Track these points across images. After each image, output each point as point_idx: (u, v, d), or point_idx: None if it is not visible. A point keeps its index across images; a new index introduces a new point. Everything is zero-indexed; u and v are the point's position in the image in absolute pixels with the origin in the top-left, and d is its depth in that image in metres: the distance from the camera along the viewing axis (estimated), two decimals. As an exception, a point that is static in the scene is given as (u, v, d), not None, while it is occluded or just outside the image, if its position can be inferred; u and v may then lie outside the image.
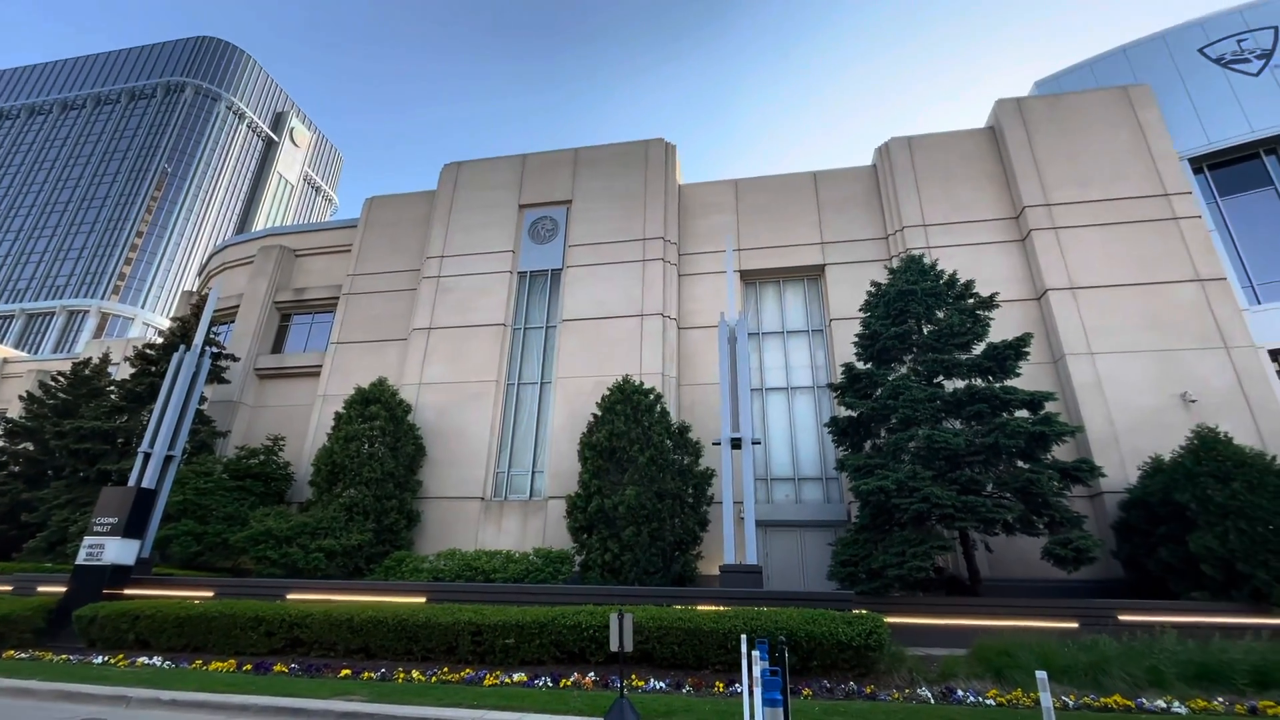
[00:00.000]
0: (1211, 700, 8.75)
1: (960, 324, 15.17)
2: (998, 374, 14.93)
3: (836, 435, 16.45)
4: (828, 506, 19.10)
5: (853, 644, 9.90)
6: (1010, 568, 15.62)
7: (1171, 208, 18.68)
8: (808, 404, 20.69)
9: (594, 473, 16.24)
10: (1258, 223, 19.47)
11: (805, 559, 18.62)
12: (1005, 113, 21.30)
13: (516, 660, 11.08)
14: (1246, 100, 20.14)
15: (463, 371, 21.18)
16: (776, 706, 4.35)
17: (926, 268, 16.43)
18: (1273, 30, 20.61)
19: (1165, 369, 16.90)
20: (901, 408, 14.29)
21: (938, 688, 9.41)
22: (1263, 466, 12.63)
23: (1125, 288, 18.00)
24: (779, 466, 20.12)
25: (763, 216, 22.61)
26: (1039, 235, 19.10)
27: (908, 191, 21.05)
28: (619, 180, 23.29)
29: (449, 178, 25.12)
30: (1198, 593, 12.64)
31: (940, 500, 12.71)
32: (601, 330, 20.79)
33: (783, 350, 21.63)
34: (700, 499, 16.57)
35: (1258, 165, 20.02)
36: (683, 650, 10.55)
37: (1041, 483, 13.14)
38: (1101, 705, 8.67)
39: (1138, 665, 9.56)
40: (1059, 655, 9.86)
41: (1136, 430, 16.29)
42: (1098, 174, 19.61)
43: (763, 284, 22.63)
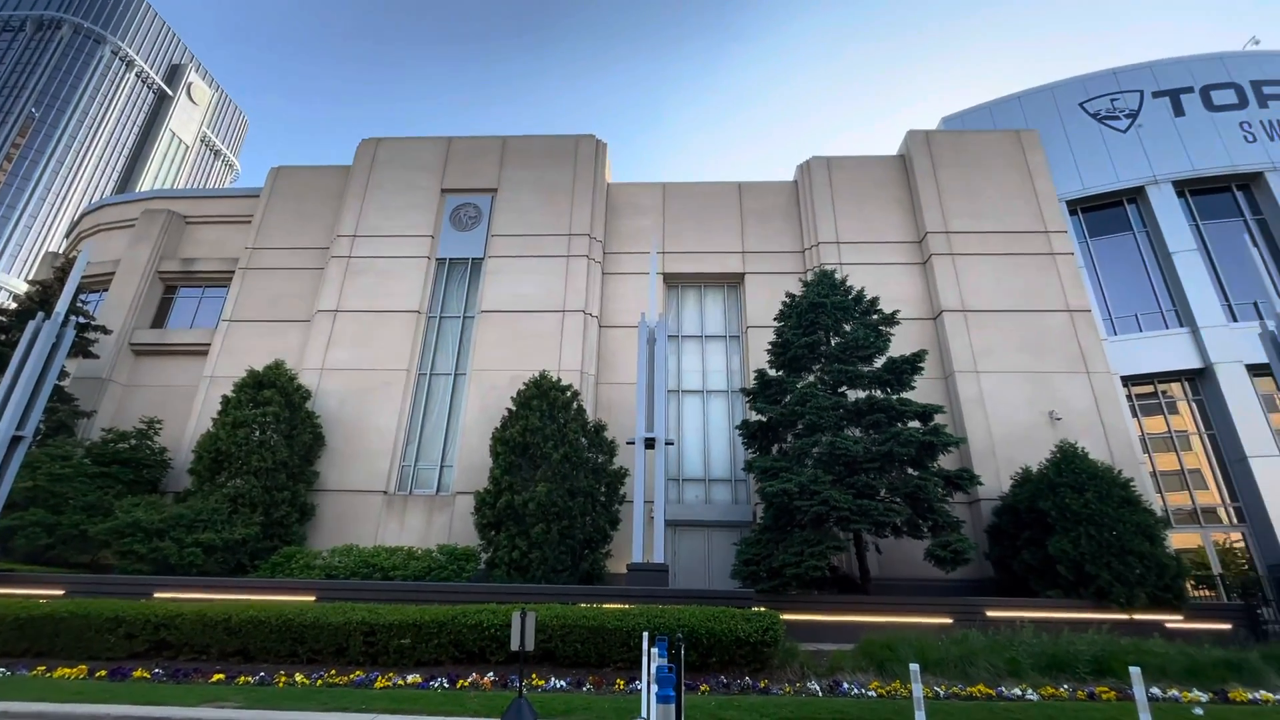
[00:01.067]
0: (1059, 687, 9.74)
1: (865, 338, 16.07)
2: (895, 386, 15.95)
3: (747, 438, 17.00)
4: (735, 507, 19.68)
5: (750, 640, 10.24)
6: (897, 567, 16.72)
7: (1050, 244, 20.69)
8: (722, 407, 21.24)
9: (505, 468, 15.91)
10: (1118, 263, 21.94)
11: (712, 558, 19.10)
12: (915, 143, 22.81)
13: (412, 661, 10.65)
14: (1115, 153, 22.65)
15: (371, 358, 20.14)
16: (669, 703, 4.42)
17: (837, 283, 17.29)
18: (1139, 94, 23.30)
19: (1037, 389, 18.68)
20: (808, 414, 14.96)
21: (826, 681, 9.91)
22: (1110, 479, 14.24)
23: (1008, 313, 19.75)
24: (691, 467, 20.53)
25: (688, 221, 22.99)
26: (938, 260, 20.59)
27: (824, 209, 22.09)
28: (548, 173, 22.96)
29: (366, 154, 23.83)
30: (1053, 591, 14.04)
31: (838, 503, 13.42)
32: (521, 324, 20.41)
33: (701, 354, 22.09)
34: (613, 497, 16.61)
35: (1121, 212, 22.56)
36: (586, 649, 10.52)
37: (928, 489, 14.16)
38: (968, 694, 9.45)
39: (1000, 657, 10.49)
40: (934, 649, 10.65)
41: (1011, 443, 17.89)
42: (991, 208, 21.39)
43: (685, 288, 23.02)
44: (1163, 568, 13.34)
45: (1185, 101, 22.82)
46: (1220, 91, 22.75)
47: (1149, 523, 13.78)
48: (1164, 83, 23.29)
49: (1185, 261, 20.73)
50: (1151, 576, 13.27)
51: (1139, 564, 13.28)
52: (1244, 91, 22.63)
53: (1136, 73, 23.74)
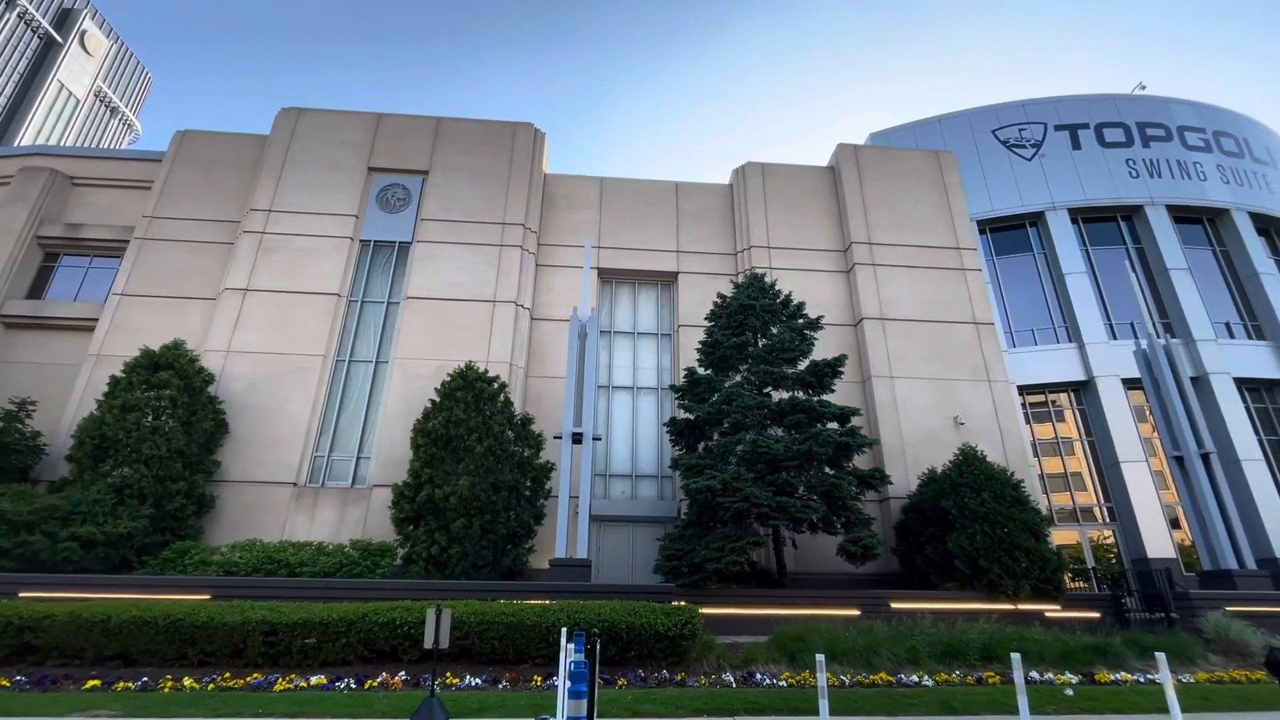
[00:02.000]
0: (952, 673, 10.46)
1: (790, 341, 16.62)
2: (817, 388, 16.59)
3: (674, 435, 17.21)
4: (661, 503, 19.91)
5: (669, 634, 10.39)
6: (811, 562, 17.41)
7: (961, 260, 22.11)
8: (651, 404, 21.41)
9: (426, 461, 15.39)
10: (1019, 281, 23.74)
11: (636, 553, 19.23)
12: (844, 156, 23.78)
13: (317, 662, 10.13)
14: (1020, 179, 24.47)
15: (285, 342, 18.96)
16: (581, 699, 4.41)
17: (767, 286, 17.78)
18: (1043, 126, 25.25)
19: (944, 395, 19.93)
20: (734, 413, 15.31)
21: (741, 672, 10.20)
22: (1004, 480, 15.38)
23: (922, 323, 20.95)
24: (619, 463, 20.59)
25: (624, 218, 23.00)
26: (861, 269, 21.57)
27: (757, 214, 22.66)
28: (483, 159, 22.35)
29: (286, 124, 22.38)
30: (951, 584, 15.03)
31: (759, 500, 13.81)
32: (450, 312, 19.79)
33: (632, 351, 22.17)
34: (538, 492, 16.41)
35: (1024, 234, 24.41)
36: (503, 645, 10.35)
37: (843, 488, 14.81)
38: (871, 682, 9.97)
39: (901, 646, 11.14)
40: (842, 640, 11.18)
41: (919, 445, 19.01)
42: (910, 222, 22.62)
43: (619, 284, 23.02)
44: (1045, 562, 14.54)
45: (1082, 136, 24.94)
46: (1111, 130, 25.00)
47: (1035, 521, 14.98)
48: (1065, 117, 25.35)
49: (1075, 283, 22.68)
50: (1035, 570, 14.43)
51: (1025, 558, 14.41)
52: (1131, 131, 24.97)
53: (1042, 106, 25.72)
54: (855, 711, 8.30)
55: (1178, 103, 25.76)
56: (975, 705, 8.69)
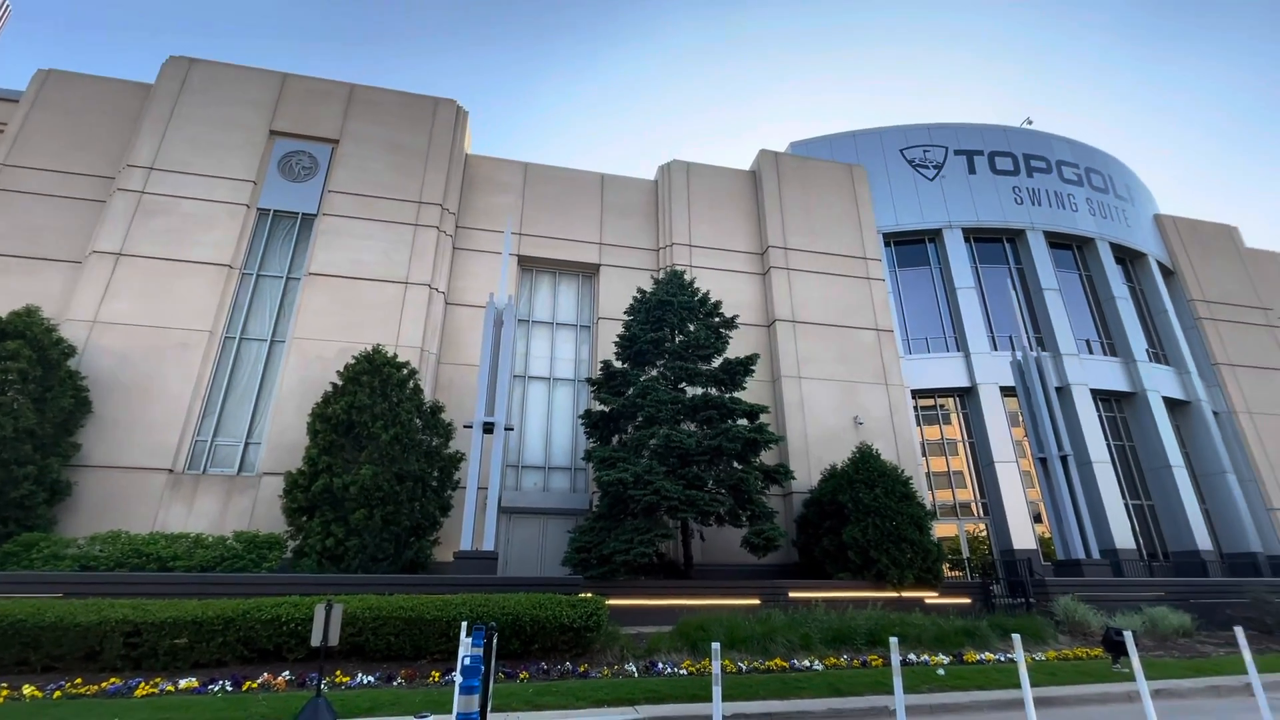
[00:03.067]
0: (840, 658, 11.10)
1: (706, 338, 16.99)
2: (729, 385, 17.07)
3: (588, 428, 17.19)
4: (573, 495, 19.83)
5: (574, 626, 10.37)
6: (717, 554, 17.95)
7: (867, 270, 23.43)
8: (567, 396, 21.25)
9: (325, 448, 14.50)
10: (917, 292, 25.47)
11: (546, 546, 19.07)
12: (765, 162, 24.55)
13: (189, 664, 9.33)
14: (922, 197, 26.22)
15: (165, 315, 17.23)
16: (473, 694, 4.29)
17: (686, 284, 18.08)
18: (944, 149, 27.16)
19: (846, 396, 21.09)
20: (648, 407, 15.49)
21: (643, 662, 10.35)
22: (895, 477, 16.49)
23: (829, 327, 22.04)
24: (532, 455, 20.31)
25: (548, 206, 22.65)
26: (776, 273, 22.39)
27: (680, 212, 22.98)
28: (401, 133, 21.26)
29: (175, 74, 20.29)
30: (844, 574, 15.96)
31: (669, 493, 14.05)
32: (357, 292, 18.72)
33: (551, 341, 21.91)
34: (446, 483, 15.89)
35: (923, 249, 26.19)
36: (400, 641, 9.96)
37: (749, 482, 15.36)
38: (766, 668, 10.41)
39: (795, 633, 11.70)
40: (741, 628, 11.60)
41: (822, 443, 20.02)
42: (823, 230, 23.71)
43: (539, 273, 22.66)
44: (927, 553, 15.74)
45: (977, 162, 27.05)
46: (1002, 158, 27.29)
47: (920, 515, 16.17)
48: (963, 143, 27.40)
49: (965, 297, 24.62)
50: (919, 560, 15.60)
51: (910, 550, 15.54)
52: (1018, 161, 27.36)
53: (944, 131, 27.66)
54: (750, 696, 8.63)
55: (1058, 139, 28.48)
56: (859, 687, 9.27)
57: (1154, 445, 23.59)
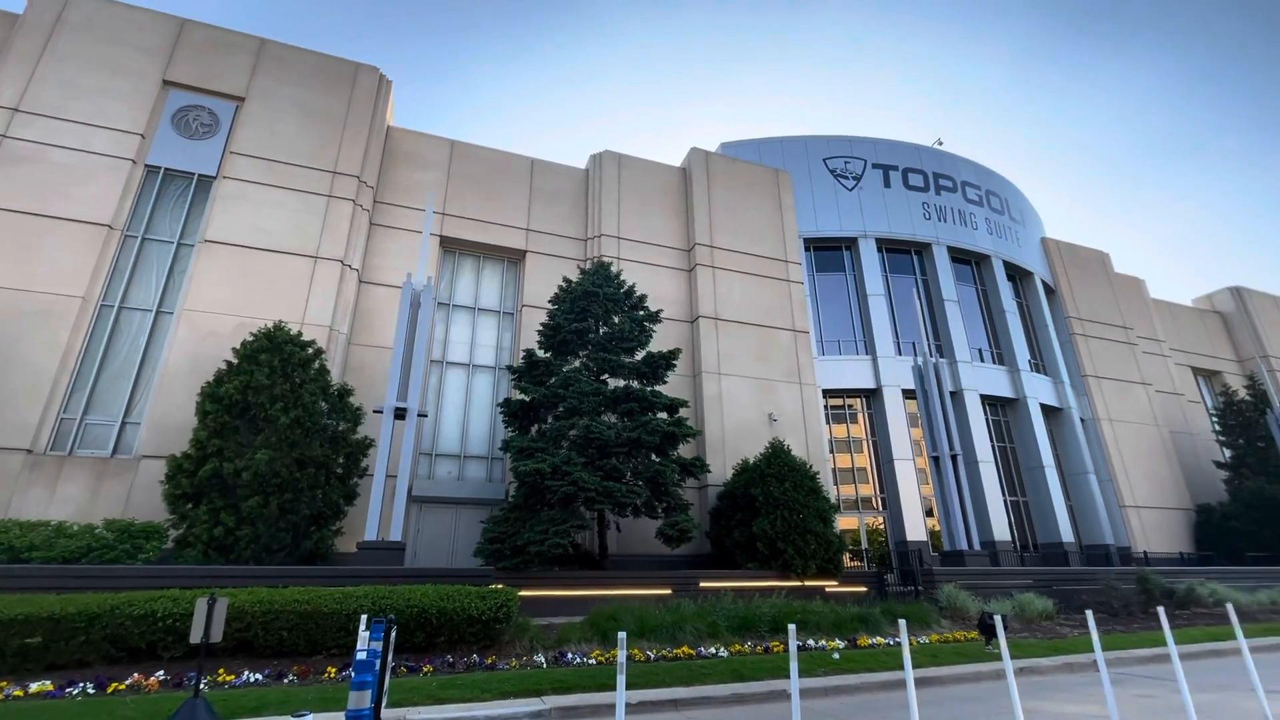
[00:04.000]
0: (745, 644, 11.52)
1: (630, 331, 17.06)
2: (651, 379, 17.24)
3: (508, 417, 16.87)
4: (489, 485, 19.43)
5: (483, 618, 10.18)
6: (633, 545, 18.15)
7: (788, 272, 24.31)
8: (487, 384, 20.76)
9: (216, 430, 13.41)
10: (832, 297, 26.70)
11: (459, 536, 18.60)
12: (696, 160, 24.88)
13: (43, 665, 8.40)
14: (841, 206, 27.47)
15: (26, 277, 15.35)
16: (364, 689, 4.11)
17: (612, 275, 18.07)
18: (864, 162, 28.55)
19: (763, 393, 21.84)
20: (570, 398, 15.38)
21: (552, 653, 10.30)
22: (804, 472, 17.25)
23: (750, 326, 22.71)
24: (447, 443, 19.72)
25: (474, 187, 21.96)
26: (701, 270, 22.80)
27: (610, 203, 22.91)
28: (316, 97, 19.90)
29: (49, 6, 18.01)
30: (752, 564, 16.55)
31: (587, 485, 14.04)
32: (261, 263, 17.42)
33: (472, 326, 21.31)
34: (352, 470, 15.12)
35: (839, 255, 27.46)
36: (294, 636, 9.41)
37: (667, 475, 15.60)
38: (673, 656, 10.64)
39: (704, 622, 12.02)
40: (652, 617, 11.78)
41: (738, 437, 20.63)
42: (748, 231, 24.36)
43: (463, 255, 21.96)
44: (829, 544, 16.60)
45: (892, 177, 28.62)
46: (914, 175, 29.01)
47: (825, 508, 17.03)
48: (881, 158, 28.90)
49: (875, 304, 26.05)
50: (822, 551, 16.42)
51: (815, 541, 16.33)
52: (928, 178, 29.18)
53: (864, 145, 29.07)
54: (657, 684, 8.79)
55: (965, 161, 30.61)
56: (761, 672, 9.65)
57: (1031, 447, 25.97)
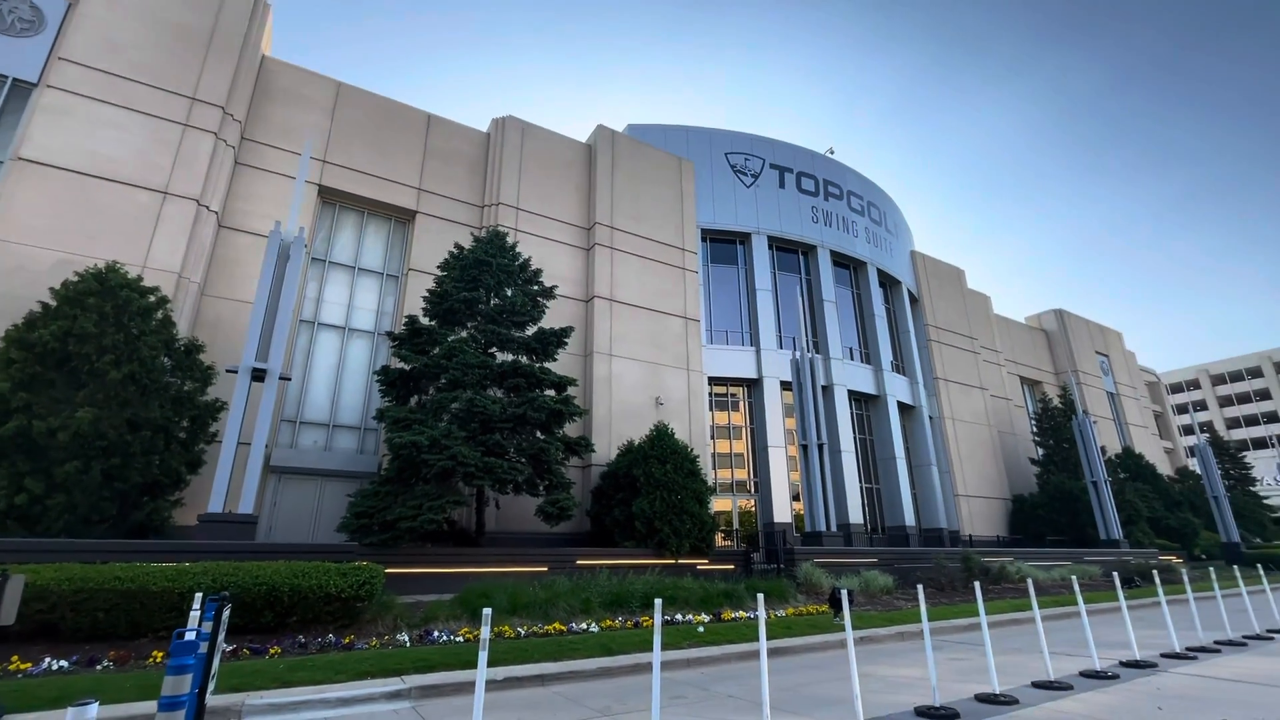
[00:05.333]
0: (616, 620, 11.76)
1: (523, 305, 16.66)
2: (541, 355, 16.97)
3: (385, 386, 15.94)
4: (361, 458, 18.32)
5: (342, 595, 9.61)
6: (512, 522, 17.91)
7: (684, 261, 24.82)
8: (364, 349, 19.46)
9: (23, 382, 11.50)
10: (723, 288, 27.66)
11: (323, 510, 17.42)
12: (602, 139, 24.62)
13: None
14: (738, 201, 28.42)
15: None
16: (183, 674, 3.70)
17: (508, 246, 17.50)
18: (762, 161, 29.67)
19: (652, 377, 22.25)
20: (453, 369, 14.78)
21: (417, 631, 9.94)
22: (685, 455, 17.83)
23: (644, 310, 22.99)
24: (316, 410, 18.31)
25: (361, 136, 20.30)
26: (600, 250, 22.69)
27: (511, 172, 22.12)
28: (173, 6, 17.38)
29: None
30: (629, 542, 16.92)
31: (467, 460, 13.60)
32: (93, 193, 15.06)
33: (350, 287, 19.82)
34: (198, 434, 13.63)
35: (733, 248, 28.46)
36: (113, 618, 8.36)
37: (551, 453, 15.48)
38: (545, 632, 10.65)
39: (577, 598, 12.13)
40: (525, 594, 11.71)
41: (625, 419, 20.91)
42: (649, 216, 24.54)
43: (345, 210, 20.30)
44: (703, 524, 17.33)
45: (786, 179, 30.01)
46: (807, 179, 30.60)
47: (702, 490, 17.73)
48: (779, 159, 30.18)
49: (763, 299, 27.32)
50: (696, 531, 17.11)
51: (690, 521, 16.97)
52: (819, 184, 30.91)
53: (764, 145, 30.20)
54: (526, 659, 8.75)
55: (852, 172, 32.73)
56: (629, 646, 9.91)
57: (886, 440, 28.59)
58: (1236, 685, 7.56)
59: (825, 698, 7.19)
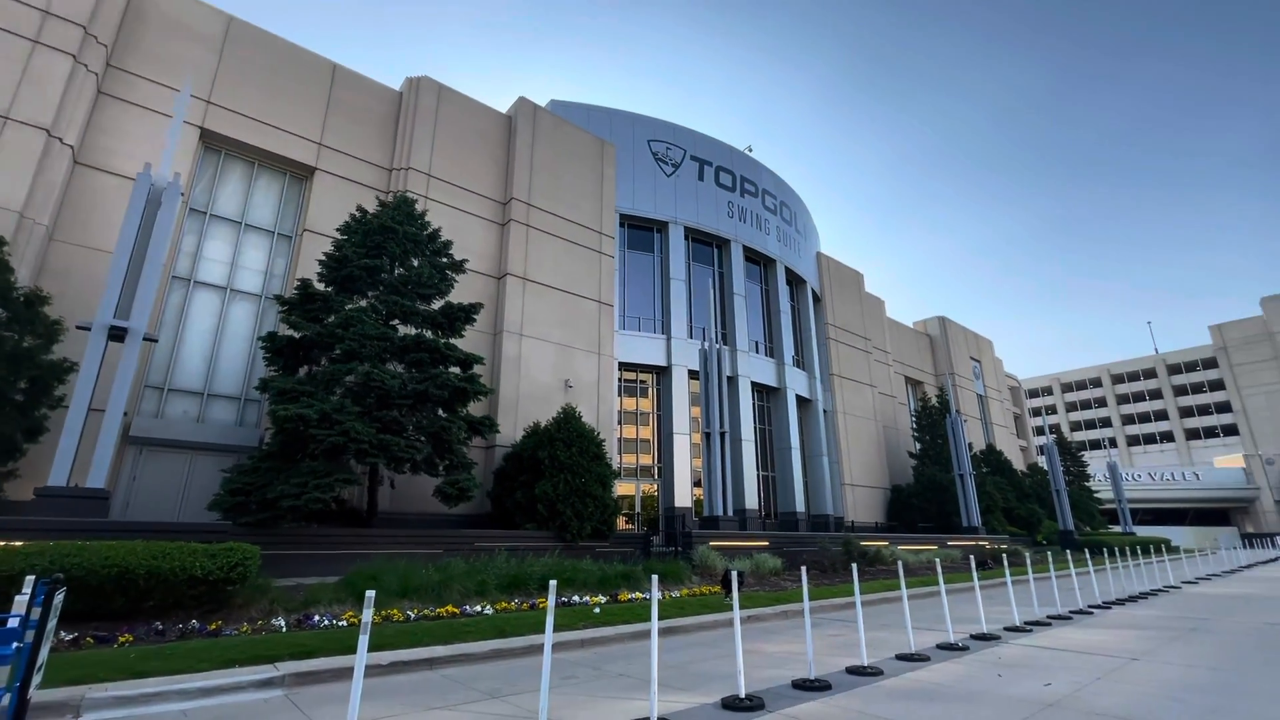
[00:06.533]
0: (512, 602, 11.64)
1: (430, 277, 15.93)
2: (447, 331, 16.34)
3: (271, 354, 14.74)
4: (240, 431, 16.89)
5: (210, 578, 8.85)
6: (409, 502, 17.21)
7: (601, 244, 24.68)
8: (248, 313, 17.89)
9: None
10: (638, 275, 27.83)
11: (194, 486, 15.94)
12: (523, 112, 23.88)
13: None
14: (658, 190, 28.60)
15: None
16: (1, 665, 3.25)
17: (417, 214, 16.64)
18: (684, 151, 29.98)
19: (563, 359, 22.05)
20: (350, 340, 13.91)
21: (296, 616, 9.35)
22: (592, 439, 17.87)
23: (558, 291, 22.68)
24: (188, 377, 16.65)
25: (255, 79, 18.49)
26: (515, 227, 22.08)
27: (424, 136, 20.99)
28: (24, -98, 14.93)
29: None
30: (530, 525, 16.77)
31: (360, 436, 12.88)
32: (-94, 109, 12.73)
33: (235, 243, 18.10)
34: (41, 398, 12.04)
35: (651, 236, 28.66)
36: (-82, 604, 7.22)
37: (453, 431, 14.99)
38: (436, 615, 10.35)
39: (473, 580, 11.88)
40: (417, 576, 11.32)
41: (533, 400, 20.60)
42: (568, 196, 24.15)
43: (232, 158, 18.45)
44: (606, 507, 17.48)
45: (706, 171, 30.53)
46: (725, 174, 31.28)
47: (606, 474, 17.85)
48: (700, 151, 30.62)
49: (676, 288, 27.76)
50: (598, 514, 17.22)
51: (593, 504, 17.06)
52: (737, 179, 31.70)
53: (686, 136, 30.52)
54: (414, 643, 8.46)
55: (768, 171, 33.81)
56: (524, 628, 9.83)
57: (784, 431, 30.05)
58: (1061, 653, 8.63)
59: (712, 674, 7.48)
